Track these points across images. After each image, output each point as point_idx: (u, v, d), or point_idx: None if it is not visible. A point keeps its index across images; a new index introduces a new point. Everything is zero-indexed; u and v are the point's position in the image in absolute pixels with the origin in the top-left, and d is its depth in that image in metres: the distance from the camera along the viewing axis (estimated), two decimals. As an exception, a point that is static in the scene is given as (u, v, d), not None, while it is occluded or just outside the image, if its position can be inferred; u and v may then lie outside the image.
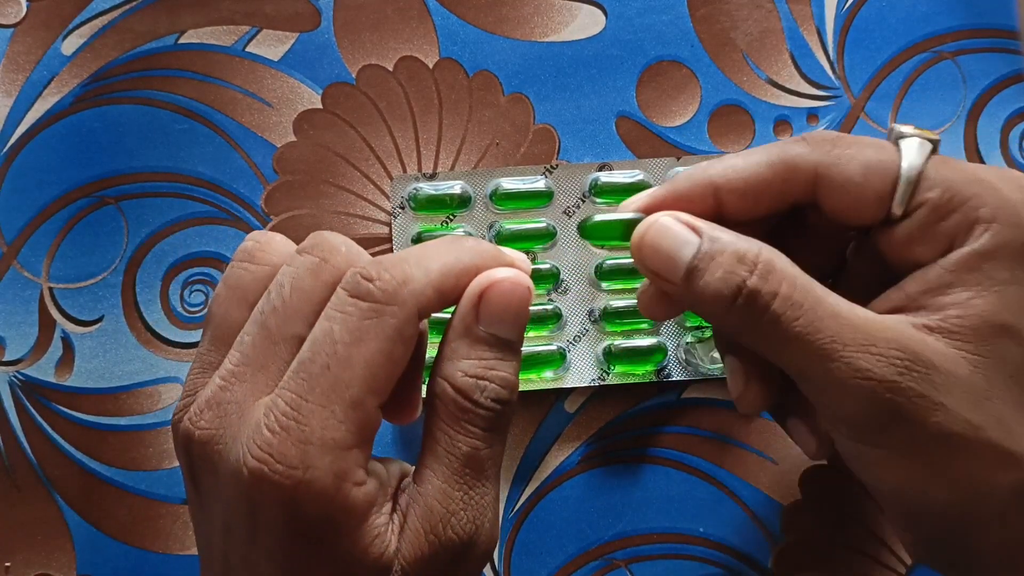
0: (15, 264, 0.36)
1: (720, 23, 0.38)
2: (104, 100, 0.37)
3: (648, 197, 0.27)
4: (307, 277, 0.24)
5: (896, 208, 0.25)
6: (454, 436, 0.24)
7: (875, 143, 0.26)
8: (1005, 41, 0.38)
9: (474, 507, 0.24)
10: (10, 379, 0.35)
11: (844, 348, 0.23)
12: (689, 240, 0.25)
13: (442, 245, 0.25)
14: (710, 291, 0.24)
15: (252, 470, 0.22)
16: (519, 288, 0.25)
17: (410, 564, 0.23)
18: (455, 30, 0.37)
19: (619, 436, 0.35)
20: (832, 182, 0.26)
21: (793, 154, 0.26)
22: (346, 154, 0.37)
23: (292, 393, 0.22)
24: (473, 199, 0.36)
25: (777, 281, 0.24)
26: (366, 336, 0.23)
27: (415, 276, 0.23)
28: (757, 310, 0.24)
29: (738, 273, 0.24)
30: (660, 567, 0.35)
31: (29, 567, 0.35)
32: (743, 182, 0.26)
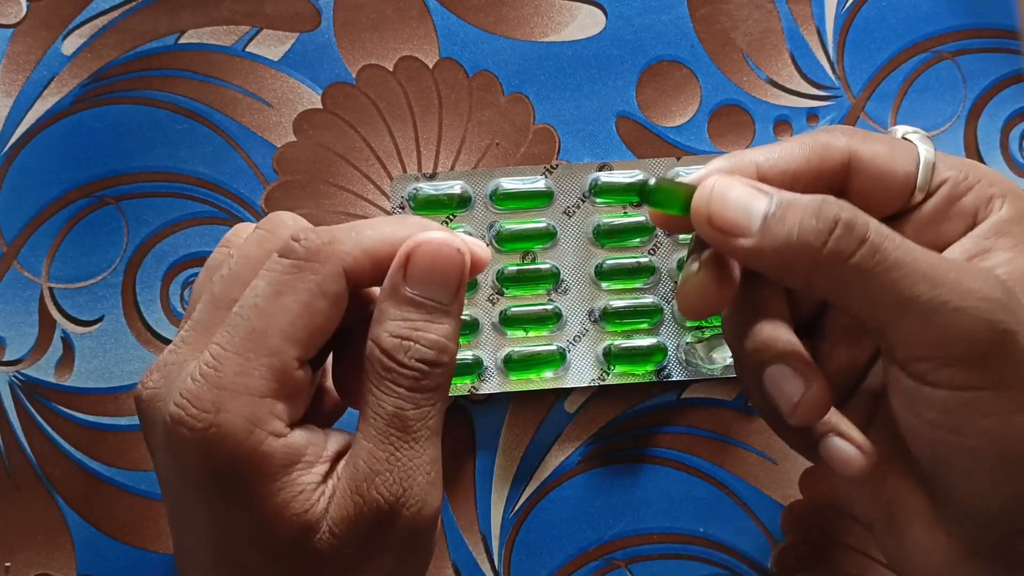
0: (15, 264, 0.36)
1: (720, 23, 0.38)
2: (104, 100, 0.37)
3: (690, 179, 0.26)
4: (252, 247, 0.25)
5: (919, 192, 0.27)
6: (379, 396, 0.24)
7: (890, 136, 0.28)
8: (1005, 41, 0.38)
9: (400, 468, 0.24)
10: (10, 379, 0.35)
11: (948, 271, 0.23)
12: (758, 195, 0.24)
13: (386, 219, 0.26)
14: (799, 231, 0.23)
15: (172, 415, 0.23)
16: (447, 248, 0.25)
17: (337, 524, 0.24)
18: (455, 30, 0.37)
19: (619, 436, 0.35)
20: (864, 163, 0.27)
21: (826, 137, 0.27)
22: (346, 154, 0.37)
23: (216, 344, 0.23)
24: (473, 199, 0.36)
25: (866, 216, 0.23)
26: (285, 289, 0.24)
27: (343, 238, 0.24)
28: (856, 239, 0.23)
29: (829, 208, 0.23)
30: (660, 567, 0.35)
31: (29, 567, 0.35)
32: (784, 163, 0.26)
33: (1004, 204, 0.26)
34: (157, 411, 0.24)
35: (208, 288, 0.25)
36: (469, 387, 0.35)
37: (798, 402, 0.25)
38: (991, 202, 0.26)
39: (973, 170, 0.27)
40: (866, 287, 0.23)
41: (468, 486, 0.35)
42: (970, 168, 0.27)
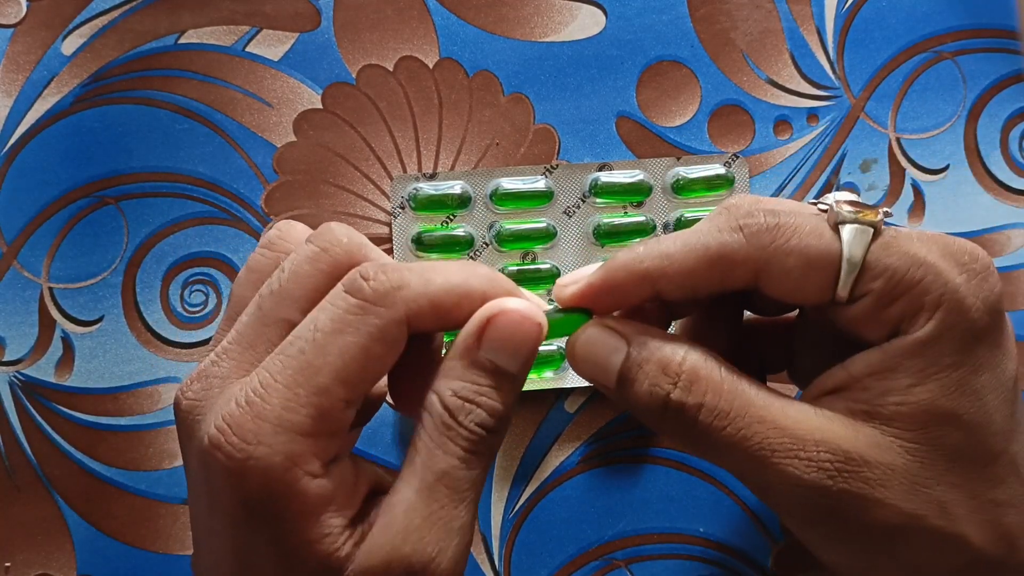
0: (15, 264, 0.36)
1: (720, 23, 0.38)
2: (104, 100, 0.37)
3: (584, 285, 0.26)
4: (304, 264, 0.25)
5: (841, 294, 0.25)
6: (433, 450, 0.24)
7: (814, 229, 0.25)
8: (1005, 41, 0.38)
9: (440, 527, 0.23)
10: (10, 379, 0.35)
11: (773, 455, 0.24)
12: (618, 347, 0.25)
13: (455, 265, 0.25)
14: (640, 402, 0.25)
15: (211, 438, 0.23)
16: (528, 322, 0.24)
17: (363, 572, 0.23)
18: (455, 30, 0.37)
19: (619, 436, 0.35)
20: (771, 276, 0.25)
21: (730, 250, 0.25)
22: (346, 154, 0.37)
23: (266, 372, 0.23)
24: (473, 199, 0.36)
25: (701, 391, 0.24)
26: (347, 329, 0.23)
27: (412, 284, 0.23)
28: (685, 421, 0.24)
29: (661, 386, 0.24)
30: (660, 567, 0.35)
31: (29, 567, 0.35)
32: (678, 275, 0.25)
33: (930, 322, 0.24)
34: (195, 423, 0.24)
35: (255, 301, 0.25)
36: (469, 387, 0.35)
37: None
38: (917, 316, 0.24)
39: (911, 271, 0.24)
40: (707, 454, 0.25)
41: (468, 486, 0.35)
42: (908, 269, 0.24)
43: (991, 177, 0.37)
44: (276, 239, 0.27)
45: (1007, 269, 0.37)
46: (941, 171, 0.37)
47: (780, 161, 0.37)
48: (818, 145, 0.37)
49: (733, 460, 0.24)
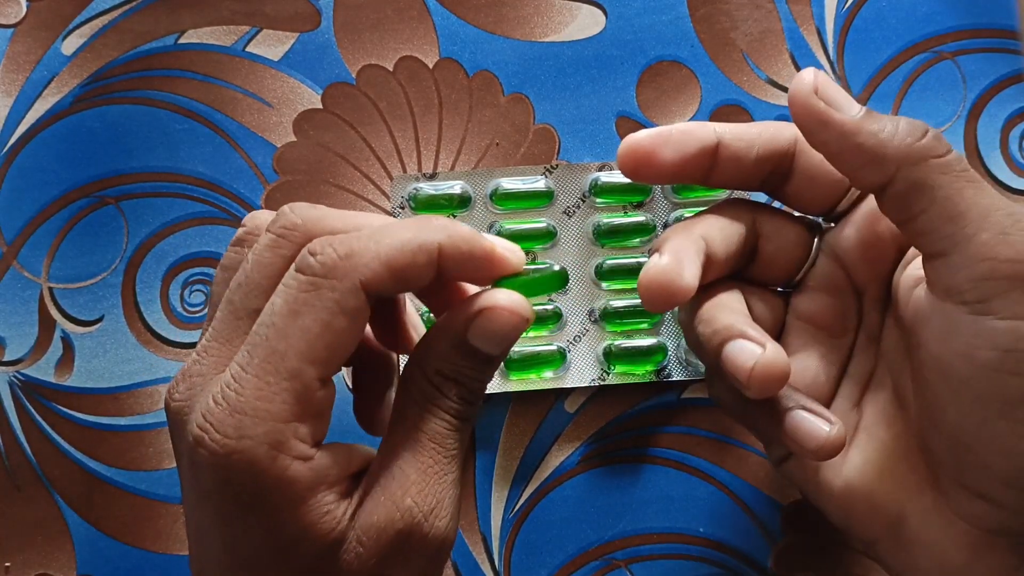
0: (15, 264, 0.36)
1: (720, 23, 0.38)
2: (104, 100, 0.37)
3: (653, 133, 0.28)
4: (266, 252, 0.25)
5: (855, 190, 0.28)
6: (421, 414, 0.25)
7: None
8: (1005, 41, 0.38)
9: (436, 480, 0.24)
10: (10, 379, 0.35)
11: None
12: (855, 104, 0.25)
13: (406, 222, 0.25)
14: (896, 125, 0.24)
15: (195, 437, 0.23)
16: (517, 319, 0.25)
17: (365, 532, 0.23)
18: (455, 30, 0.37)
19: (619, 436, 0.35)
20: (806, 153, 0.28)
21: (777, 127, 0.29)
22: (346, 154, 0.37)
23: (236, 365, 0.23)
24: (473, 199, 0.36)
25: None
26: (302, 308, 0.23)
27: (361, 250, 0.23)
28: (944, 145, 0.24)
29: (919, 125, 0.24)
30: (660, 567, 0.35)
31: (29, 567, 0.35)
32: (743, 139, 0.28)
33: None
34: (183, 425, 0.24)
35: (226, 296, 0.25)
36: (469, 387, 0.35)
37: (753, 366, 0.25)
38: None
39: None
40: (946, 193, 0.23)
41: (468, 486, 0.35)
42: None
43: (991, 177, 0.37)
44: (245, 235, 0.27)
45: (1007, 269, 0.37)
46: (941, 171, 0.37)
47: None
48: (818, 145, 0.37)
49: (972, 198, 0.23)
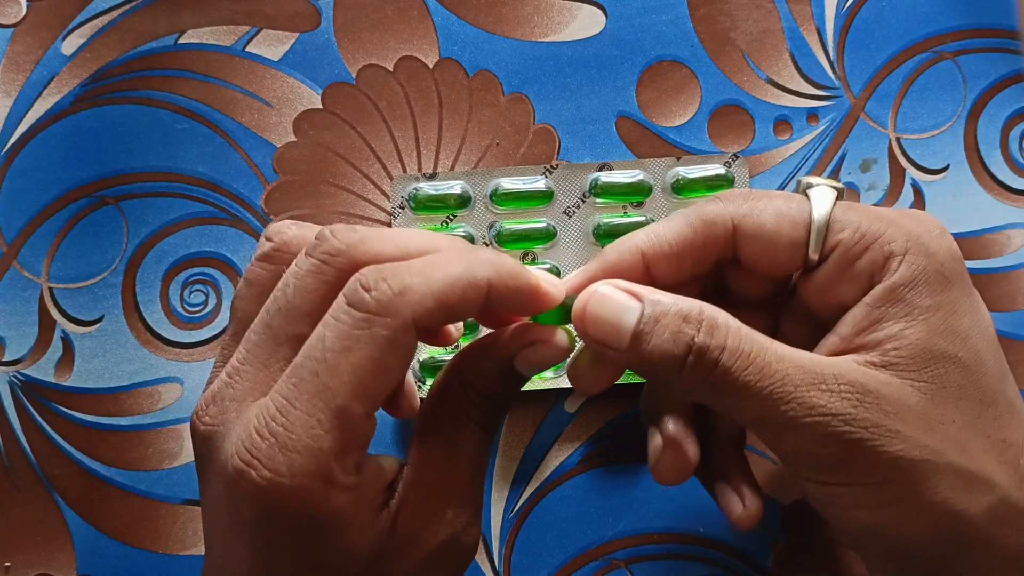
0: (15, 264, 0.36)
1: (720, 23, 0.38)
2: (104, 100, 0.37)
3: (580, 276, 0.27)
4: (309, 278, 0.24)
5: (812, 253, 0.26)
6: (459, 430, 0.25)
7: (785, 195, 0.27)
8: (1005, 41, 0.38)
9: (470, 493, 0.26)
10: (10, 379, 0.35)
11: (796, 389, 0.24)
12: (631, 306, 0.25)
13: (454, 255, 0.24)
14: (659, 353, 0.24)
15: (237, 471, 0.23)
16: (563, 354, 0.26)
17: (407, 545, 0.24)
18: (455, 30, 0.37)
19: (619, 436, 0.35)
20: (748, 231, 0.27)
21: (710, 211, 0.27)
22: (346, 154, 0.37)
23: (282, 398, 0.23)
24: (473, 199, 0.36)
25: (722, 335, 0.24)
26: (355, 345, 0.23)
27: (414, 286, 0.23)
28: (707, 365, 0.24)
29: (685, 331, 0.24)
30: (660, 567, 0.35)
31: (29, 567, 0.35)
32: (667, 244, 0.27)
33: (901, 264, 0.25)
34: (215, 449, 0.24)
35: (262, 319, 0.25)
36: (469, 387, 0.35)
37: (652, 465, 0.29)
38: (888, 263, 0.25)
39: (874, 226, 0.26)
40: (724, 403, 0.25)
41: (468, 486, 0.35)
42: (872, 223, 0.26)
43: (991, 177, 0.37)
44: (272, 251, 0.27)
45: (1007, 269, 0.37)
46: (941, 171, 0.37)
47: (780, 161, 0.37)
48: (818, 145, 0.37)
49: (755, 401, 0.24)
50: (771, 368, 0.24)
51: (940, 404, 0.24)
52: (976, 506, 0.24)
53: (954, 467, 0.24)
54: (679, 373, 0.25)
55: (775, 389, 0.24)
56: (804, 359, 0.25)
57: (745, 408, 0.25)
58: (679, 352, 0.24)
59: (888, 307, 0.25)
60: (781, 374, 0.24)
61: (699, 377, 0.24)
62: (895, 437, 0.24)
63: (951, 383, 0.25)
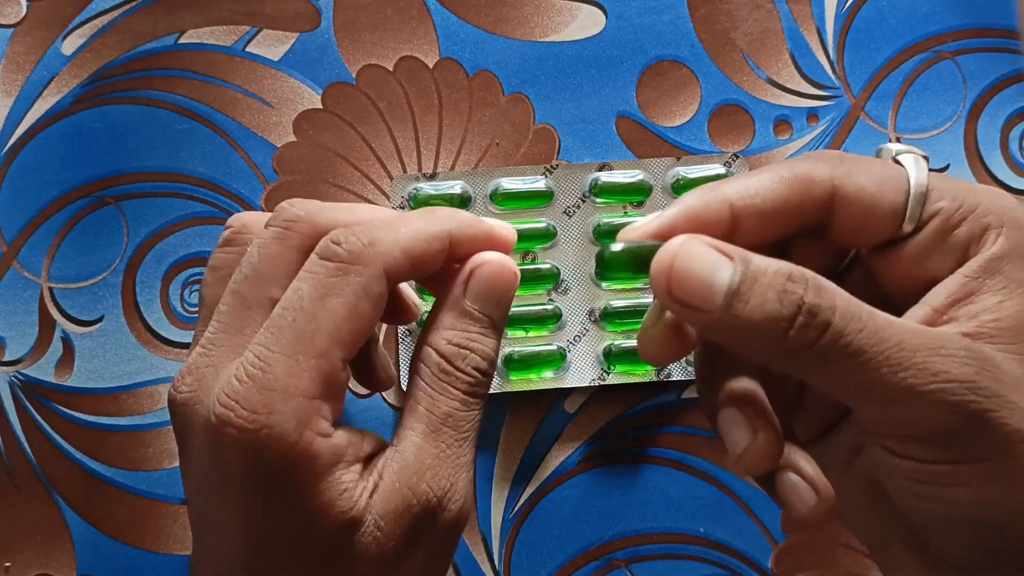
0: (15, 264, 0.36)
1: (720, 23, 0.38)
2: (104, 100, 0.37)
3: (658, 221, 0.25)
4: (273, 244, 0.25)
5: (907, 224, 0.25)
6: (435, 396, 0.25)
7: (880, 161, 0.26)
8: (1005, 41, 0.38)
9: (450, 463, 0.25)
10: (10, 379, 0.35)
11: (915, 354, 0.22)
12: (722, 263, 0.22)
13: (417, 213, 0.26)
14: (762, 314, 0.22)
15: (218, 416, 0.23)
16: (506, 271, 0.26)
17: (383, 517, 0.24)
18: (455, 30, 0.37)
19: (619, 436, 0.35)
20: (848, 194, 0.25)
21: (806, 168, 0.25)
22: (346, 154, 0.37)
23: (261, 346, 0.23)
24: (473, 199, 0.36)
25: (831, 296, 0.22)
26: (331, 292, 0.24)
27: (382, 238, 0.25)
28: (818, 327, 0.22)
29: (794, 290, 0.22)
30: (660, 567, 0.35)
31: (29, 567, 0.35)
32: (760, 199, 0.25)
33: (999, 237, 0.24)
34: (195, 413, 0.24)
35: (230, 289, 0.25)
36: (469, 387, 0.35)
37: (742, 453, 0.25)
38: (985, 235, 0.24)
39: (970, 197, 0.25)
40: (829, 372, 0.23)
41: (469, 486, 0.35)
42: (966, 195, 0.25)
43: (991, 177, 0.37)
44: (232, 235, 0.28)
45: (1007, 269, 0.37)
46: (941, 171, 0.37)
47: (780, 161, 0.37)
48: (818, 145, 0.37)
49: (868, 368, 0.22)
50: (884, 332, 0.22)
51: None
52: None
53: None
54: (784, 337, 0.22)
55: (892, 354, 0.22)
56: (915, 325, 0.23)
57: (855, 376, 0.22)
58: (788, 312, 0.22)
59: (987, 278, 0.24)
60: (897, 338, 0.22)
61: (808, 341, 0.22)
62: (1013, 409, 0.22)
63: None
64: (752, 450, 0.25)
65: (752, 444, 0.25)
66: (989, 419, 0.22)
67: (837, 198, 0.25)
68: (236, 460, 0.23)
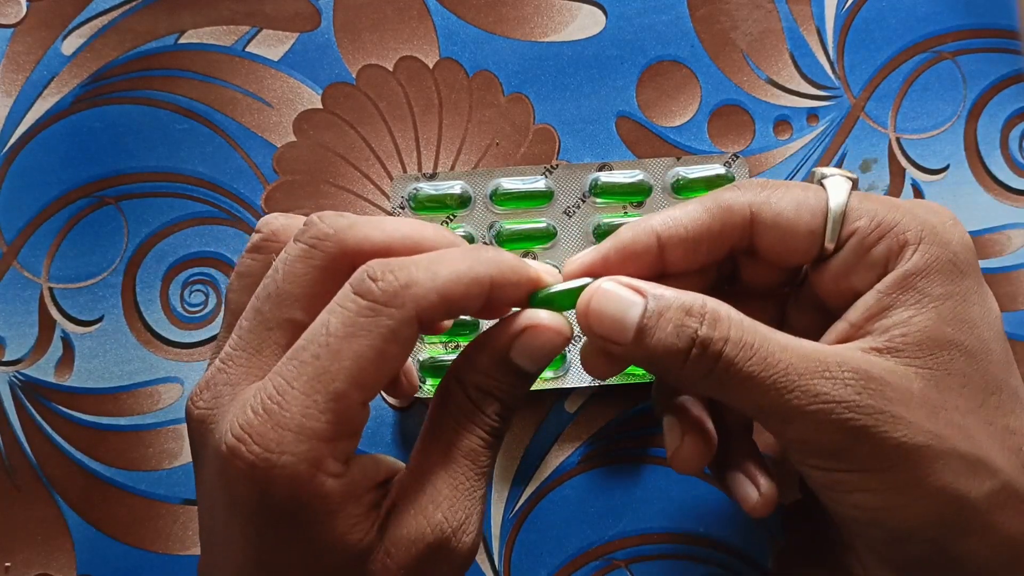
0: (15, 264, 0.36)
1: (720, 23, 0.38)
2: (104, 100, 0.37)
3: (593, 255, 0.28)
4: (298, 263, 0.25)
5: (828, 242, 0.27)
6: (459, 432, 0.25)
7: (802, 185, 0.28)
8: (1005, 41, 0.38)
9: (466, 496, 0.25)
10: (10, 379, 0.35)
11: (800, 377, 0.24)
12: (634, 301, 0.25)
13: (458, 252, 0.25)
14: (663, 347, 0.25)
15: (230, 447, 0.23)
16: (559, 338, 0.26)
17: (394, 544, 0.24)
18: (455, 30, 0.37)
19: (619, 436, 0.35)
20: (766, 219, 0.27)
21: (728, 197, 0.27)
22: (346, 154, 0.37)
23: (281, 378, 0.23)
24: (473, 199, 0.36)
25: (725, 327, 0.25)
26: (359, 332, 0.23)
27: (420, 280, 0.23)
28: (711, 357, 0.24)
29: (688, 325, 0.25)
30: (660, 567, 0.35)
31: (29, 567, 0.35)
32: (684, 228, 0.27)
33: (915, 253, 0.26)
34: (209, 432, 0.24)
35: (253, 305, 0.25)
36: (469, 387, 0.35)
37: (672, 453, 0.28)
38: (903, 251, 0.26)
39: (891, 214, 0.26)
40: (728, 394, 0.25)
41: (468, 486, 0.35)
42: (887, 213, 0.26)
43: (991, 177, 0.37)
44: (262, 242, 0.27)
45: (1007, 269, 0.37)
46: (941, 171, 0.37)
47: (780, 161, 0.37)
48: (818, 145, 0.37)
49: (759, 391, 0.24)
50: (774, 358, 0.24)
51: (944, 391, 0.25)
52: (978, 491, 0.24)
53: (957, 452, 0.24)
54: (683, 366, 0.25)
55: (779, 379, 0.24)
56: (807, 348, 0.25)
57: (749, 398, 0.25)
58: (683, 345, 0.24)
59: (899, 294, 0.25)
60: (785, 363, 0.24)
61: (703, 369, 0.25)
62: (899, 423, 0.24)
63: (956, 370, 0.25)
64: (680, 451, 0.28)
65: (680, 446, 0.28)
66: (870, 434, 0.24)
67: (756, 223, 0.27)
68: (244, 492, 0.23)
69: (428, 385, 0.34)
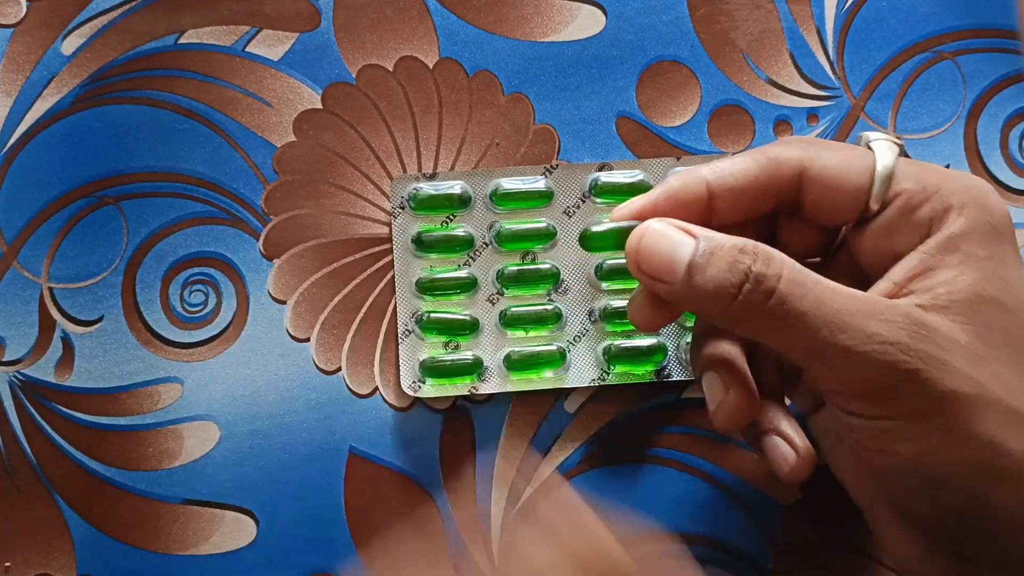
0: (15, 264, 0.36)
1: (720, 23, 0.38)
2: (104, 100, 0.37)
3: (643, 201, 0.28)
4: None
5: (873, 202, 0.27)
6: None
7: (850, 146, 0.28)
8: (1005, 41, 0.38)
9: None
10: (10, 379, 0.35)
11: (851, 317, 0.24)
12: (684, 240, 0.26)
13: None
14: (715, 283, 0.25)
15: None
16: None
17: None
18: (455, 30, 0.37)
19: (619, 436, 0.35)
20: (814, 175, 0.27)
21: (777, 151, 0.28)
22: (346, 154, 0.37)
23: None
24: (473, 199, 0.36)
25: (779, 265, 0.25)
26: None
27: None
28: (764, 292, 0.25)
29: (742, 260, 0.25)
30: (660, 567, 0.35)
31: (29, 567, 0.35)
32: (733, 178, 0.28)
33: (960, 217, 0.26)
34: None
35: None
36: (469, 387, 0.35)
37: (715, 408, 0.29)
38: (947, 214, 0.26)
39: (935, 179, 0.27)
40: (776, 333, 0.25)
41: (468, 486, 0.35)
42: (931, 177, 0.27)
43: (991, 177, 0.37)
44: None
45: (1007, 269, 0.37)
46: (941, 171, 0.37)
47: (780, 161, 0.37)
48: (818, 145, 0.37)
49: (811, 330, 0.24)
50: (827, 297, 0.25)
51: (988, 345, 0.25)
52: (1018, 442, 0.25)
53: (1000, 403, 0.25)
54: (732, 303, 0.25)
55: (831, 318, 0.24)
56: (858, 294, 0.25)
57: (799, 339, 0.25)
58: (736, 280, 0.25)
59: (944, 255, 0.26)
60: (838, 304, 0.25)
61: (755, 305, 0.25)
62: (948, 369, 0.24)
63: (997, 326, 0.25)
64: (724, 405, 0.28)
65: (724, 400, 0.28)
66: (920, 378, 0.24)
67: (805, 177, 0.28)
68: None
69: (428, 385, 0.34)
